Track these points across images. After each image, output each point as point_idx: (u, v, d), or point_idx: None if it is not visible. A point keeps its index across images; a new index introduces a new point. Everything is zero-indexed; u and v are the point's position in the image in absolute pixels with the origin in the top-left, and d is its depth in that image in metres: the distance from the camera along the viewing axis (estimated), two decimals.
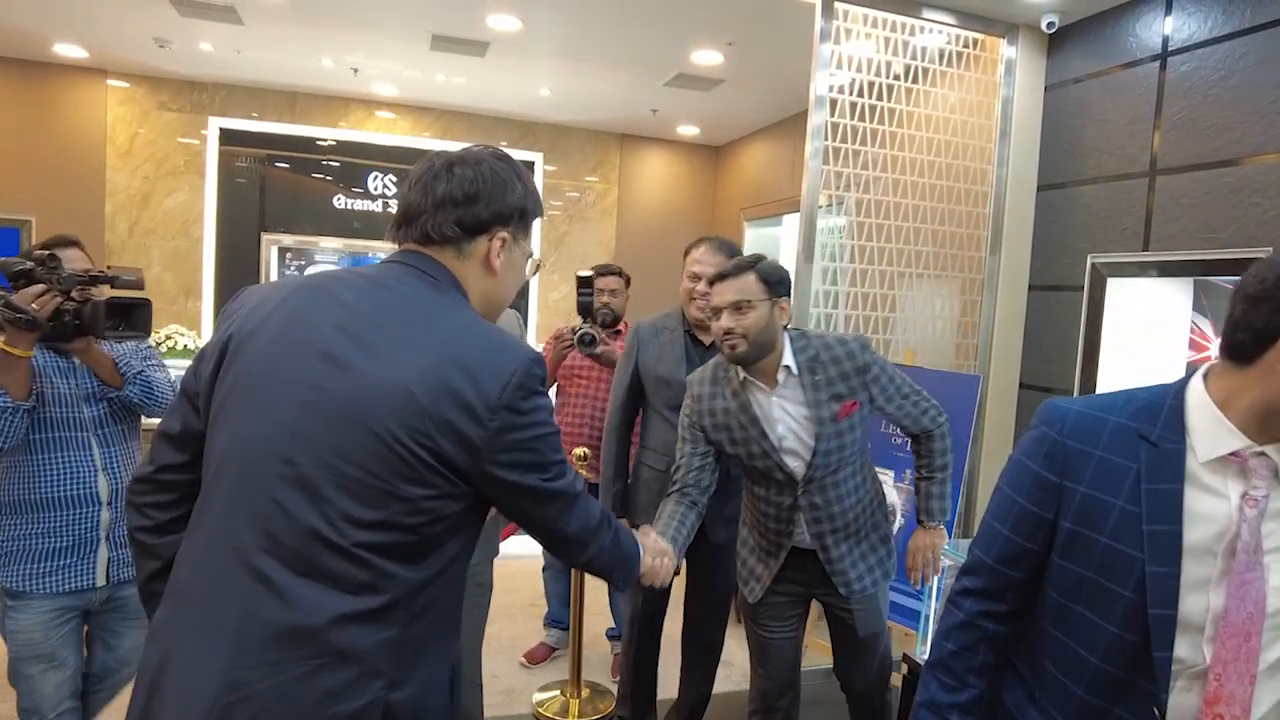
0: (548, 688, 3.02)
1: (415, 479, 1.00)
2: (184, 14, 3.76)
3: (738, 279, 1.88)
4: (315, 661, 0.96)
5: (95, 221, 4.96)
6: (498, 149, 1.20)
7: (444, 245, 1.13)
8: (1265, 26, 2.40)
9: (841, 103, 3.05)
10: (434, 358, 1.02)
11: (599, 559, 1.25)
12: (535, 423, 1.08)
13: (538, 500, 1.12)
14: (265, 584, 0.97)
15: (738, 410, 1.94)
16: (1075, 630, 1.12)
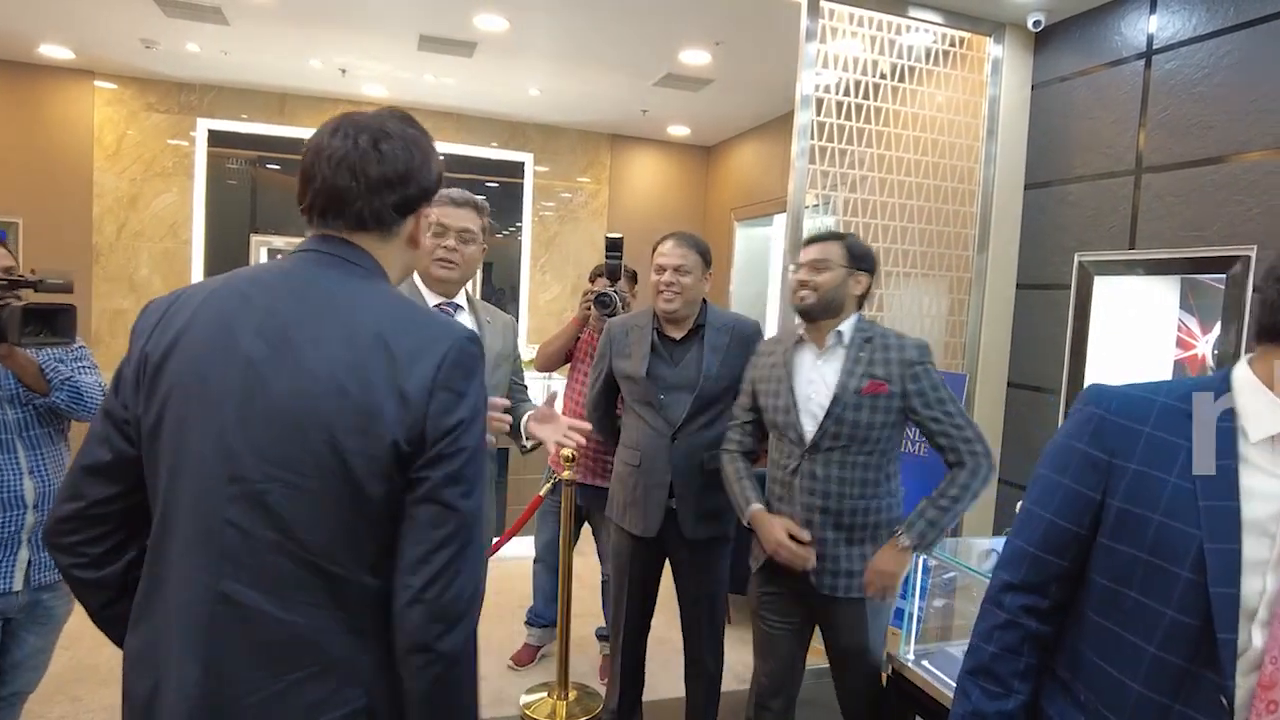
0: (535, 689, 3.01)
1: (367, 479, 0.95)
2: (169, 14, 3.74)
3: (825, 244, 2.08)
4: (293, 676, 0.95)
5: (83, 223, 4.94)
6: (399, 110, 1.11)
7: (368, 227, 1.06)
8: (1248, 24, 2.40)
9: (828, 102, 3.05)
10: (363, 350, 0.97)
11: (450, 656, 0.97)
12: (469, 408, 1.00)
13: (437, 513, 0.97)
14: (232, 606, 0.95)
15: (782, 364, 2.11)
16: (1129, 618, 1.04)
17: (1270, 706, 0.97)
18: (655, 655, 2.65)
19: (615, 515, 2.52)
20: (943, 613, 2.07)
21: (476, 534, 0.99)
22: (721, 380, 2.39)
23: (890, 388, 1.99)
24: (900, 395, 2.00)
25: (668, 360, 2.43)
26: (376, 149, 1.04)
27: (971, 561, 2.02)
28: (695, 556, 2.44)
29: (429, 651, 0.95)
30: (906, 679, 1.89)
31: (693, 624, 2.51)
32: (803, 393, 2.07)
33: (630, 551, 2.49)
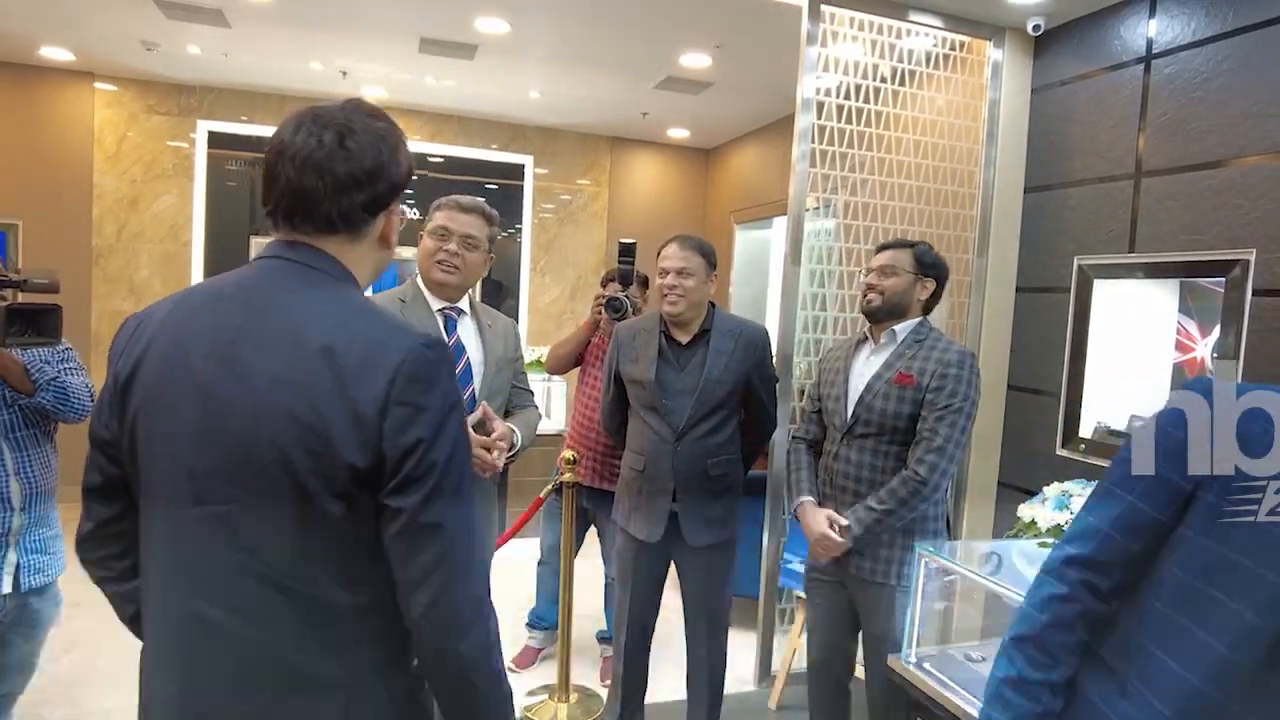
0: (536, 692, 3.01)
1: (324, 499, 0.92)
2: (170, 16, 3.75)
3: (896, 251, 2.23)
4: (266, 693, 0.95)
5: (83, 225, 4.93)
6: (364, 102, 1.04)
7: (335, 229, 1.01)
8: (1247, 29, 2.41)
9: (829, 105, 3.06)
10: (309, 366, 0.92)
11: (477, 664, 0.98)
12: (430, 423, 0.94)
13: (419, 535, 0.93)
14: (203, 625, 0.95)
15: (845, 358, 2.30)
16: (1203, 614, 1.01)
17: None
18: (657, 657, 2.65)
19: (620, 519, 2.53)
20: (943, 615, 2.07)
21: (468, 543, 0.97)
22: (724, 385, 2.39)
23: (919, 381, 2.11)
24: (924, 390, 2.10)
25: (674, 365, 2.43)
26: (343, 146, 0.98)
27: (972, 564, 2.03)
28: (699, 560, 2.44)
29: (448, 655, 0.96)
30: (907, 681, 1.90)
31: (696, 627, 2.52)
32: (853, 384, 2.23)
33: (635, 555, 2.49)
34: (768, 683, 3.15)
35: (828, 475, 2.28)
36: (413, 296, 2.02)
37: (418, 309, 2.00)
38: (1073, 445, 2.90)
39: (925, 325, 2.24)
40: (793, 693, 3.08)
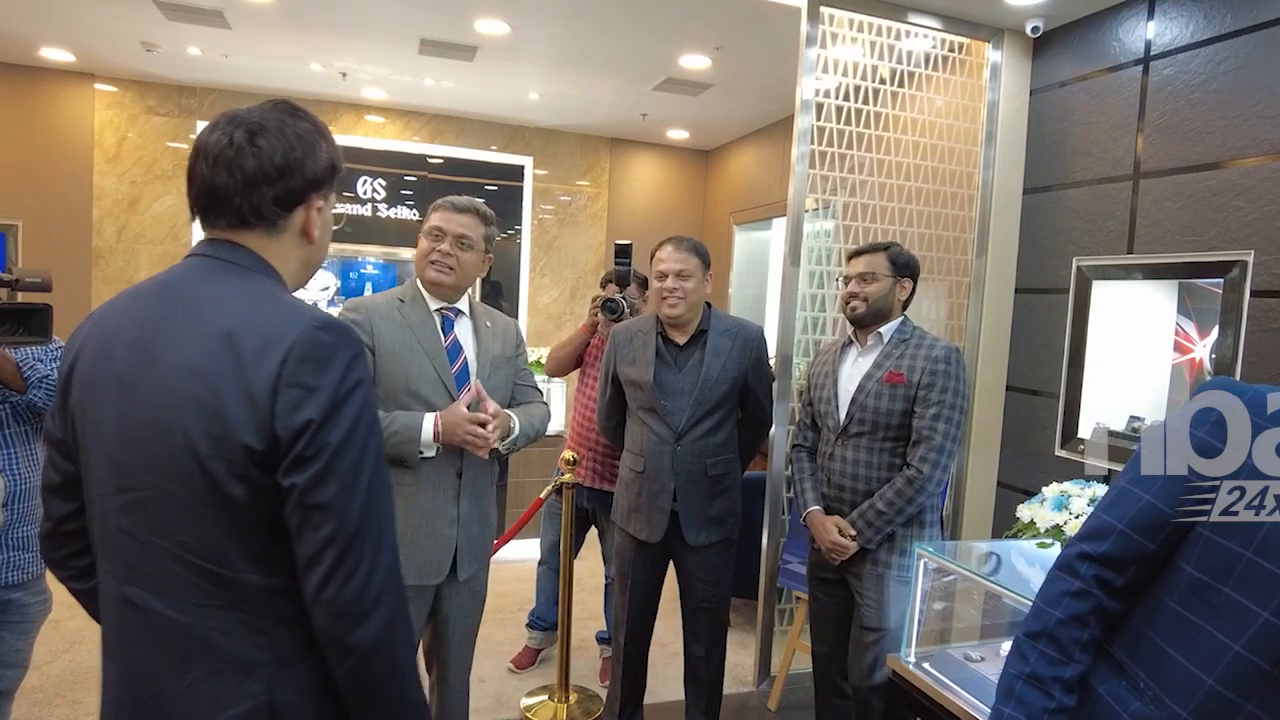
0: (536, 692, 3.01)
1: (227, 482, 0.94)
2: (170, 18, 3.75)
3: (871, 255, 2.27)
4: (194, 674, 0.97)
5: (83, 225, 4.94)
6: (287, 102, 1.07)
7: (252, 224, 1.04)
8: (1245, 31, 2.42)
9: (828, 107, 3.07)
10: (210, 351, 0.95)
11: (373, 659, 0.97)
12: (322, 404, 0.94)
13: (308, 515, 0.94)
14: (134, 610, 0.99)
15: (832, 362, 2.35)
16: (1218, 614, 1.02)
17: None
18: (656, 658, 2.66)
19: (620, 520, 2.53)
20: (942, 615, 2.08)
21: (366, 528, 0.96)
22: (722, 385, 2.40)
23: (909, 379, 2.16)
24: (915, 387, 2.15)
25: (672, 366, 2.44)
26: (253, 144, 1.01)
27: (971, 564, 2.03)
28: (699, 561, 2.45)
29: (340, 645, 0.96)
30: (908, 681, 1.90)
31: (695, 627, 2.52)
32: (842, 385, 2.28)
33: (634, 555, 2.50)
34: (767, 683, 3.15)
35: (825, 476, 2.31)
36: (411, 297, 2.03)
37: (416, 309, 2.01)
38: (1071, 446, 2.90)
39: (908, 324, 2.30)
40: (792, 693, 3.08)
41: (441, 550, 1.96)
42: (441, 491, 1.95)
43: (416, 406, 1.93)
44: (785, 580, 3.11)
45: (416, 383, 1.94)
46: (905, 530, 2.19)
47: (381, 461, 1.00)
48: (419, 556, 1.93)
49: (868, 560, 2.21)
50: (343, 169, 1.13)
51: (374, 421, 1.00)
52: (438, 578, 1.97)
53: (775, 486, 3.10)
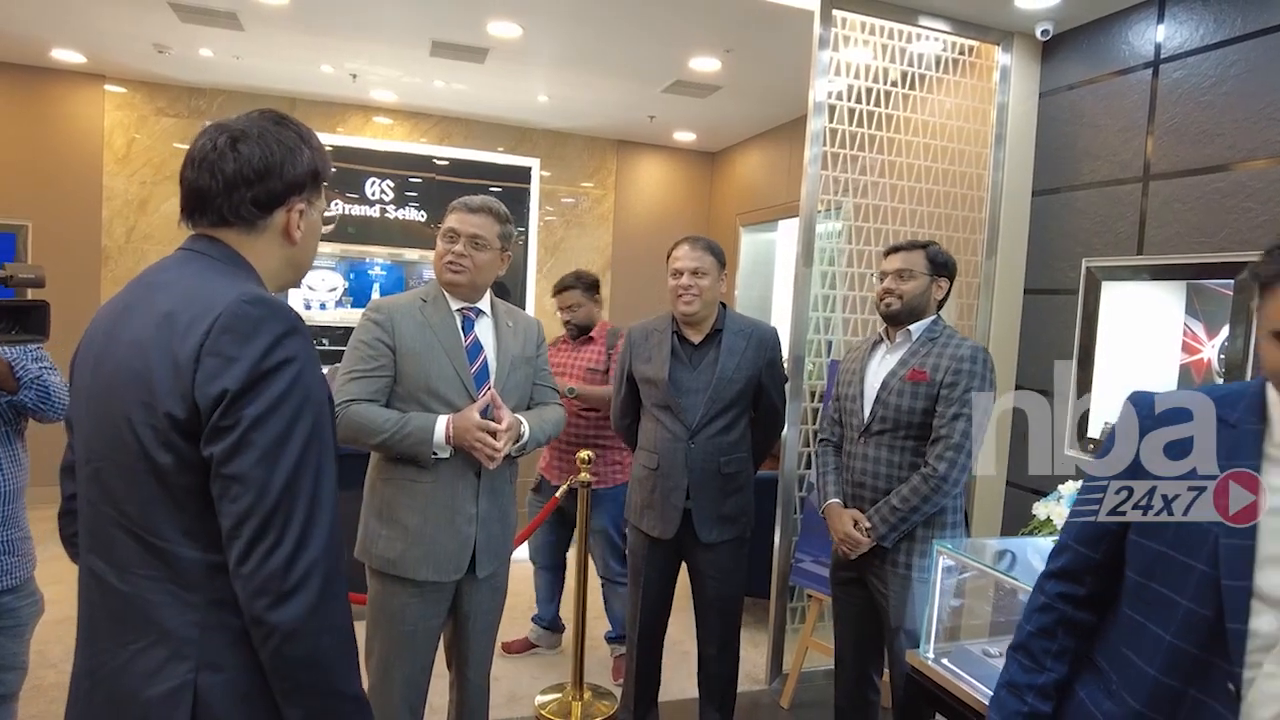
0: (550, 690, 3.03)
1: (155, 449, 0.97)
2: (185, 20, 3.77)
3: (909, 253, 2.26)
4: (135, 645, 1.00)
5: (92, 226, 4.96)
6: (274, 112, 1.14)
7: (232, 224, 1.09)
8: (1256, 34, 2.45)
9: (839, 109, 3.09)
10: (152, 328, 1.00)
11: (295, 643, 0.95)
12: (239, 375, 0.95)
13: (226, 486, 0.95)
14: (93, 578, 1.04)
15: (860, 359, 2.34)
16: (1151, 609, 1.11)
17: None
18: (669, 655, 2.67)
19: (632, 517, 2.55)
20: (960, 611, 2.10)
21: (290, 504, 0.95)
22: (736, 383, 2.42)
23: (932, 377, 2.14)
24: (937, 386, 2.13)
25: (687, 364, 2.46)
26: (234, 149, 1.07)
27: (988, 561, 2.05)
28: (712, 558, 2.47)
29: (261, 625, 0.95)
30: (927, 677, 1.92)
31: (709, 625, 2.54)
32: (869, 383, 2.27)
33: (647, 553, 2.52)
34: (779, 681, 3.17)
35: (848, 474, 2.31)
36: (433, 297, 2.05)
37: (437, 309, 2.03)
38: (1080, 445, 2.93)
39: (939, 323, 2.28)
40: (804, 691, 3.10)
41: (460, 547, 1.97)
42: (461, 489, 1.97)
43: (436, 405, 1.95)
44: (797, 578, 3.13)
45: (436, 382, 1.96)
46: (926, 531, 2.17)
47: (319, 442, 1.00)
48: (437, 553, 1.95)
49: (888, 562, 2.20)
50: (328, 175, 1.18)
51: (309, 401, 1.00)
52: (456, 574, 1.99)
53: (788, 485, 3.12)
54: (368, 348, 1.95)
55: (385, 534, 1.95)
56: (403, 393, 1.96)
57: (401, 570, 1.94)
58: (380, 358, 1.94)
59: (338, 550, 1.01)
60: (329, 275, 5.44)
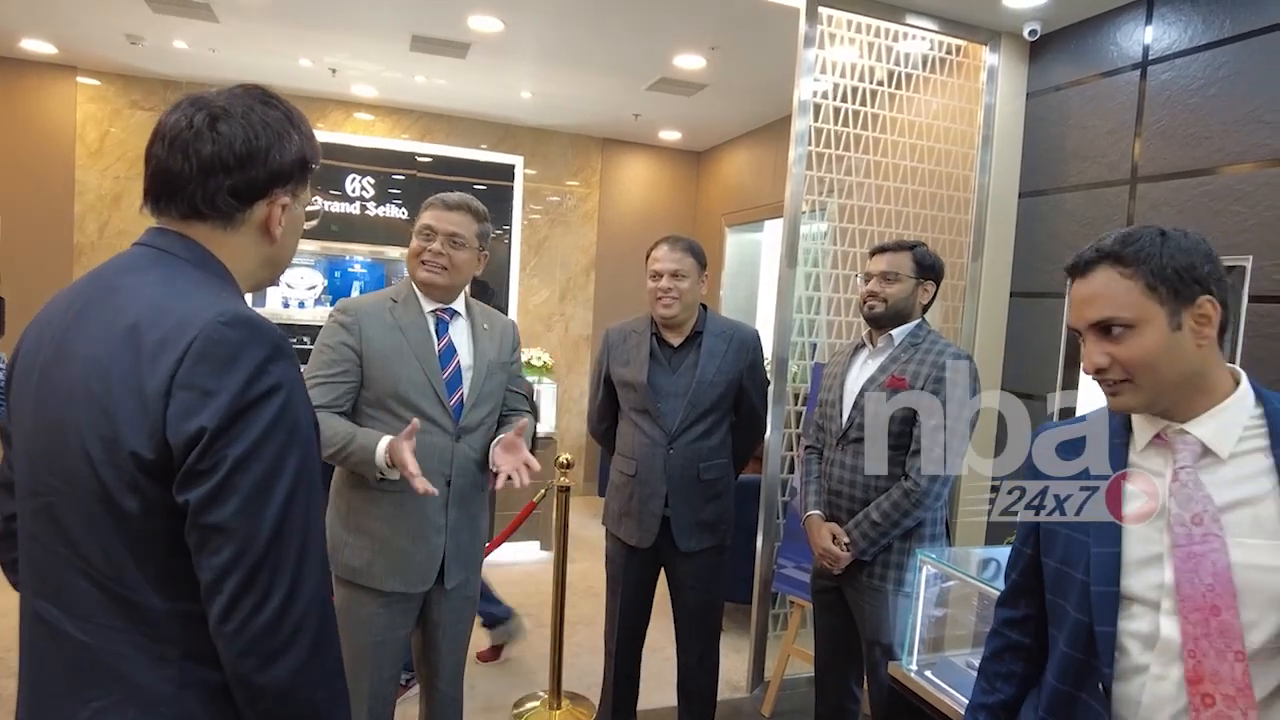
0: (527, 699, 2.97)
1: (118, 492, 0.85)
2: (157, 10, 3.68)
3: (895, 254, 2.18)
4: (97, 703, 0.88)
5: (64, 222, 4.84)
6: (260, 88, 0.99)
7: (205, 216, 0.95)
8: (1244, 37, 2.42)
9: (825, 108, 3.05)
10: (113, 347, 0.86)
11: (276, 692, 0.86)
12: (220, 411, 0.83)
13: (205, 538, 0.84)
14: (42, 625, 0.91)
15: (842, 364, 2.28)
16: (1054, 621, 1.18)
17: (1207, 700, 1.01)
18: (648, 663, 2.62)
19: (610, 524, 2.50)
20: (944, 622, 2.05)
21: (278, 555, 0.85)
22: (716, 387, 2.37)
23: (912, 384, 2.06)
24: (919, 392, 2.06)
25: (666, 367, 2.40)
26: (213, 128, 0.93)
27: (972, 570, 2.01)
28: (690, 567, 2.41)
29: (247, 686, 0.85)
30: (909, 689, 1.88)
31: (688, 633, 2.49)
32: (848, 389, 2.22)
33: (625, 561, 2.46)
34: (760, 689, 3.12)
35: (826, 481, 2.26)
36: (404, 297, 1.97)
37: (408, 310, 1.95)
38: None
39: (923, 328, 2.21)
40: (786, 699, 3.06)
41: (429, 558, 1.91)
42: (430, 500, 1.87)
43: (405, 413, 1.86)
44: (780, 585, 3.08)
45: (406, 388, 1.87)
46: (903, 543, 2.10)
47: (307, 479, 0.89)
48: (404, 564, 1.88)
49: (863, 573, 2.14)
50: (317, 164, 1.04)
51: (296, 433, 0.88)
52: (424, 586, 1.92)
53: (770, 490, 3.07)
54: (331, 351, 1.86)
55: (352, 542, 1.88)
56: (370, 398, 1.88)
57: (368, 580, 1.87)
58: (344, 362, 1.86)
59: (328, 592, 0.92)
60: (308, 273, 5.34)
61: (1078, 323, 1.11)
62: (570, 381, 5.96)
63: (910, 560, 2.06)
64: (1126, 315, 1.05)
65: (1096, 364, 1.08)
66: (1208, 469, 1.06)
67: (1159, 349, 1.04)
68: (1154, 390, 1.07)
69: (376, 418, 1.88)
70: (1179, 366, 1.05)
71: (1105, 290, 1.07)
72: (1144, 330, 1.05)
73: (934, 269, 2.22)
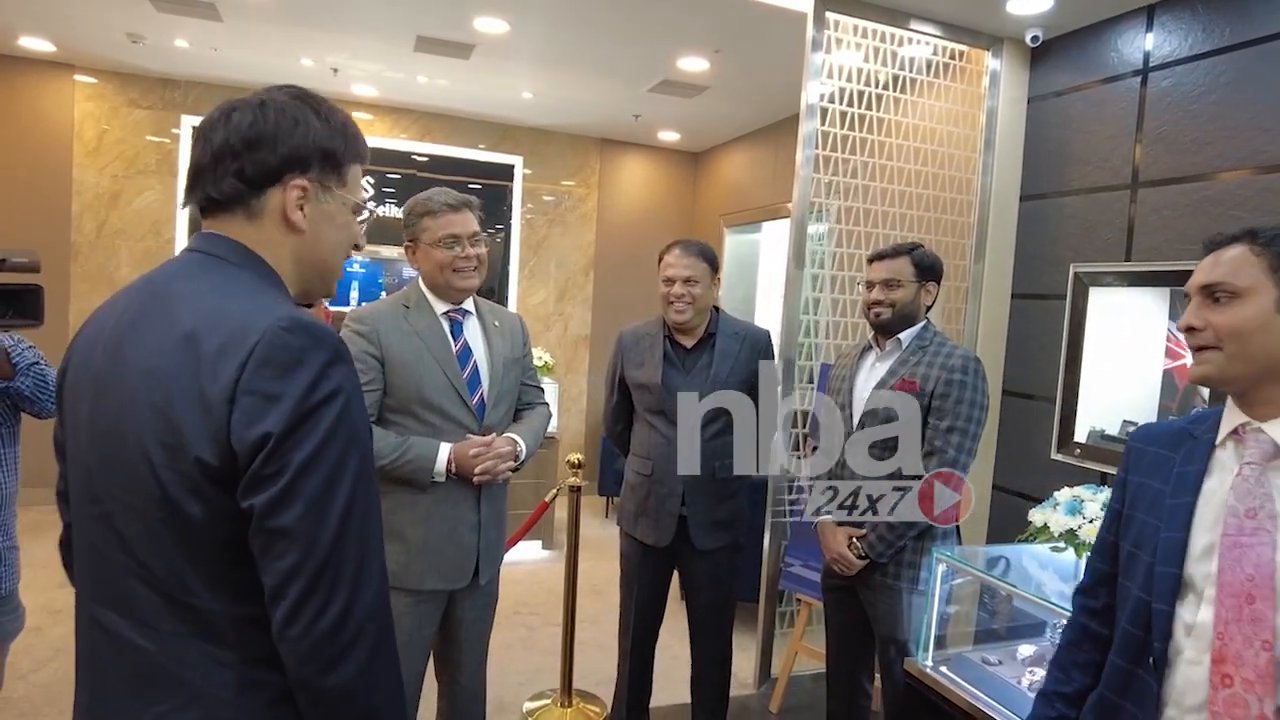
0: (538, 696, 2.99)
1: (183, 499, 0.85)
2: (161, 10, 3.67)
3: (894, 260, 2.19)
4: (160, 707, 0.88)
5: (61, 220, 4.81)
6: (300, 88, 1.01)
7: (230, 209, 0.96)
8: (1243, 45, 2.47)
9: (830, 112, 3.09)
10: (171, 354, 0.86)
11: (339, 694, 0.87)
12: (285, 415, 0.84)
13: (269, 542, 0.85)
14: (102, 632, 0.92)
15: (850, 367, 2.30)
16: (1121, 604, 1.23)
17: (1226, 680, 1.07)
18: (657, 661, 2.65)
19: (625, 524, 2.52)
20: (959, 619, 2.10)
21: (340, 559, 0.86)
22: (730, 387, 2.40)
23: (922, 387, 2.10)
24: (929, 396, 2.09)
25: (680, 368, 2.43)
26: (228, 118, 0.95)
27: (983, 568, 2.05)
28: (706, 565, 2.44)
29: (310, 689, 0.86)
30: (926, 685, 1.91)
31: (702, 631, 2.52)
32: (858, 393, 2.23)
33: (640, 560, 2.49)
34: (768, 685, 3.16)
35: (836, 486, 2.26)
36: (415, 301, 1.98)
37: (422, 314, 1.96)
38: (1067, 449, 2.95)
39: (929, 329, 2.24)
40: (793, 696, 3.10)
41: (465, 556, 1.94)
42: (461, 498, 1.92)
43: (430, 416, 1.89)
44: (787, 583, 3.12)
45: (430, 391, 1.90)
46: (917, 542, 2.14)
47: (366, 482, 0.90)
48: (442, 563, 1.91)
49: (877, 572, 2.17)
50: (350, 158, 1.01)
51: (355, 437, 0.89)
52: (463, 581, 1.95)
53: (778, 489, 3.11)
54: (356, 362, 1.88)
55: (386, 548, 1.89)
56: (394, 405, 1.90)
57: (405, 582, 1.88)
58: (369, 371, 1.87)
59: (388, 596, 0.93)
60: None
61: (1190, 286, 1.16)
62: (569, 381, 5.98)
63: (924, 559, 2.09)
64: (1238, 283, 1.11)
65: (1190, 323, 1.14)
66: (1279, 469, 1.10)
67: (1255, 323, 1.09)
68: (1236, 362, 1.11)
69: (401, 423, 1.90)
70: (1268, 347, 1.09)
71: (1229, 260, 1.13)
72: (1248, 301, 1.10)
73: (934, 269, 2.24)
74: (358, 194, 1.03)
